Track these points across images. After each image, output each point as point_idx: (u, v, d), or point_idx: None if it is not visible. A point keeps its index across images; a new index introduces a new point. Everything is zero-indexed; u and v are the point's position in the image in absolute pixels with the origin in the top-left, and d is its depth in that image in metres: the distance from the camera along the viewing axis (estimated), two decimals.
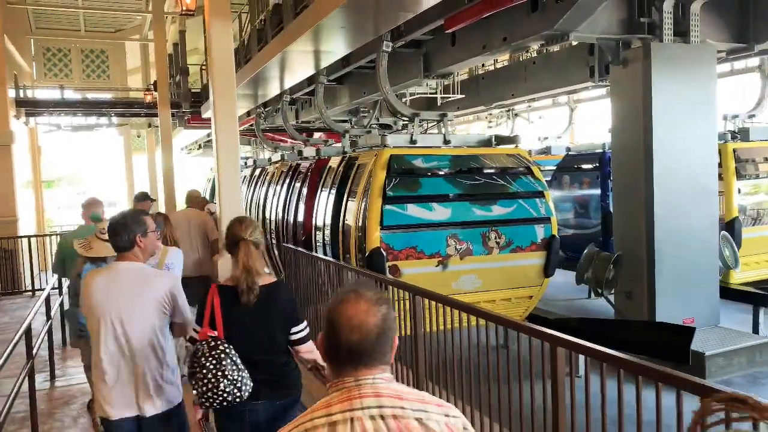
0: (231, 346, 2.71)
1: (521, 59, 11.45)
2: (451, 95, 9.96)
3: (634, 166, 6.60)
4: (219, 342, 2.70)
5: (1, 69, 12.37)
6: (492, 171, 7.02)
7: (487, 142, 7.43)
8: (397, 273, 6.48)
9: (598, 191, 8.40)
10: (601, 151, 8.42)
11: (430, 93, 9.61)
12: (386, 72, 7.54)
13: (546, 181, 10.46)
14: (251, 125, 14.47)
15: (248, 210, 12.19)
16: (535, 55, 11.15)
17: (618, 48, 6.60)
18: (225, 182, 5.98)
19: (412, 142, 7.04)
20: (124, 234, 2.98)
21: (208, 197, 17.63)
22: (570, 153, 9.30)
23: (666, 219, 6.42)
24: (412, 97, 10.24)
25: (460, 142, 7.38)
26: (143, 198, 6.50)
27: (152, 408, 2.95)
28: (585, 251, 6.67)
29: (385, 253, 6.40)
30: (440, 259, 6.55)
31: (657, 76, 6.35)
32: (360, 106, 12.81)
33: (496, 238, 6.77)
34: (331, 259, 6.51)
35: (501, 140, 7.47)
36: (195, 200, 7.17)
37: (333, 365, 1.46)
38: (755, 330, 6.84)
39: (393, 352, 1.48)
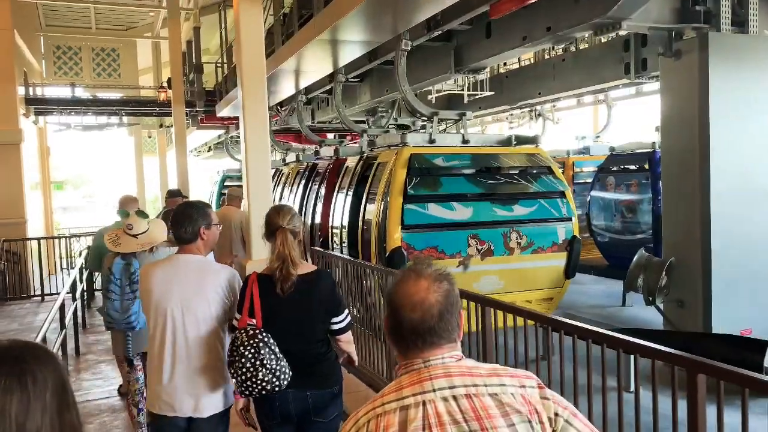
0: (269, 335, 2.66)
1: (548, 57, 11.06)
2: (478, 92, 9.53)
3: (687, 166, 6.14)
4: (257, 331, 2.66)
5: (10, 66, 12.02)
6: (512, 170, 6.96)
7: (506, 142, 7.29)
8: None
9: (647, 194, 7.91)
10: (651, 150, 7.94)
11: (458, 90, 9.19)
12: (405, 70, 7.36)
13: (586, 182, 10.12)
14: None
15: None
16: (561, 52, 10.78)
17: (671, 39, 6.16)
18: (254, 179, 5.56)
19: (431, 141, 6.94)
20: (189, 226, 2.88)
21: (214, 202, 17.30)
22: (614, 153, 8.80)
23: (722, 223, 5.96)
24: (438, 94, 9.81)
25: (479, 141, 7.28)
26: (176, 194, 6.41)
27: (210, 407, 2.84)
28: (635, 257, 6.21)
29: (406, 253, 6.29)
30: (461, 259, 6.46)
31: (714, 68, 5.90)
32: (378, 106, 12.44)
33: (517, 238, 6.68)
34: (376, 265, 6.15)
35: (521, 140, 7.34)
36: (237, 198, 6.98)
37: (399, 347, 1.42)
38: None
39: (460, 329, 1.44)
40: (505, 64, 11.91)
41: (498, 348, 3.77)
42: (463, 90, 9.27)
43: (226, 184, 17.49)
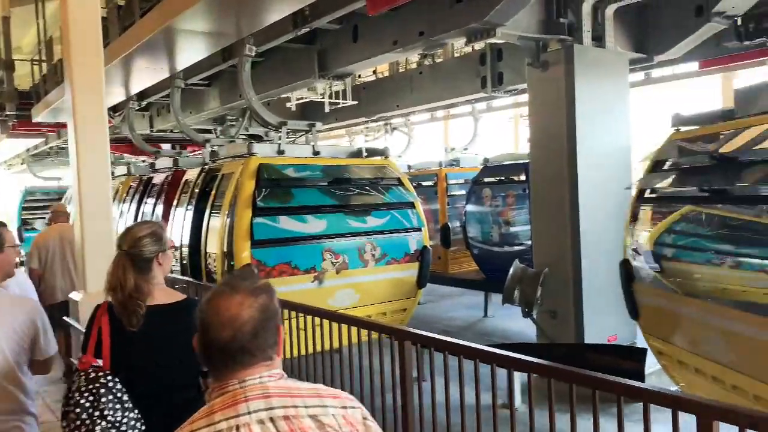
0: (116, 379, 2.22)
1: (406, 69, 11.02)
2: (340, 101, 9.11)
3: (556, 177, 6.20)
4: (100, 374, 2.22)
5: None
6: (364, 182, 7.03)
7: (356, 154, 7.35)
8: None
9: (524, 205, 7.97)
10: (527, 161, 8.07)
11: (320, 98, 8.69)
12: (249, 77, 7.03)
13: (461, 194, 10.15)
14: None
15: None
16: (416, 66, 10.79)
17: (538, 49, 6.20)
18: (90, 194, 4.51)
19: (280, 152, 6.74)
20: None
21: (16, 220, 15.47)
22: (489, 164, 8.82)
23: (589, 232, 6.08)
24: (299, 101, 9.22)
25: (329, 153, 7.23)
26: None
27: None
28: (511, 269, 6.11)
29: (256, 271, 5.71)
30: (316, 274, 6.32)
31: (578, 80, 6.02)
32: (227, 114, 11.54)
33: (371, 250, 6.74)
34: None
35: (371, 152, 7.44)
36: (64, 214, 6.46)
37: (210, 369, 1.34)
38: None
39: (279, 345, 1.36)
40: (360, 75, 11.70)
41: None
42: (324, 98, 8.78)
43: (27, 199, 16.34)
